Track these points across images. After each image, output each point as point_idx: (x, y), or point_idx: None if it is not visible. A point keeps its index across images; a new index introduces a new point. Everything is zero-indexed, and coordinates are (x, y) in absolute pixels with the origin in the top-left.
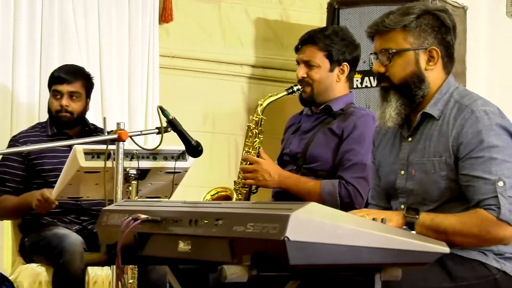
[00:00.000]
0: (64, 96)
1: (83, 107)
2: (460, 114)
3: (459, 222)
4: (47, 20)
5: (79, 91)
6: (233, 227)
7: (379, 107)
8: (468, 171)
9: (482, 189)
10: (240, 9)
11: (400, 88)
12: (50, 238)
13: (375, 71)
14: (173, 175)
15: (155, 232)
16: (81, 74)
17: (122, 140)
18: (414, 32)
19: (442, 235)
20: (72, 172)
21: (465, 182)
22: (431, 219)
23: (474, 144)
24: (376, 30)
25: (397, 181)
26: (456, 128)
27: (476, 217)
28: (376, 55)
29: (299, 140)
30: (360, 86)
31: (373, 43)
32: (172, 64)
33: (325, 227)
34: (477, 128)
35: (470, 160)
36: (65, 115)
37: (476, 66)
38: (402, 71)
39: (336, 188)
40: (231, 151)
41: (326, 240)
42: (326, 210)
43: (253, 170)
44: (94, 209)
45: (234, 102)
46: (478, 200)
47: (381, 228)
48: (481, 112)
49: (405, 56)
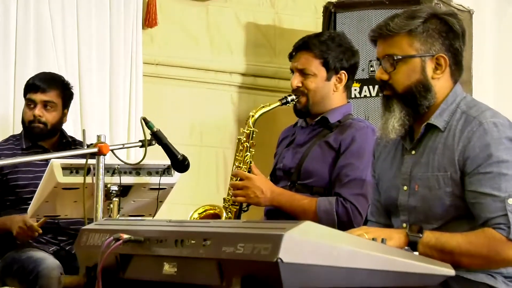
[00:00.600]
0: (37, 106)
1: (58, 118)
2: (467, 126)
3: (466, 241)
4: (22, 24)
5: (53, 100)
6: (222, 247)
7: (381, 117)
8: (476, 188)
9: (490, 206)
10: (230, 13)
11: (404, 97)
12: (25, 261)
13: (378, 78)
14: (158, 191)
15: (138, 253)
16: (57, 83)
17: (102, 154)
18: (420, 38)
19: (448, 255)
20: (48, 188)
21: (472, 199)
22: (436, 238)
23: (482, 158)
24: (380, 34)
25: (399, 197)
26: (463, 141)
27: (484, 236)
28: (379, 61)
29: (293, 154)
30: (358, 95)
31: (376, 48)
32: (157, 72)
33: (321, 248)
34: (485, 141)
35: (478, 176)
36: (37, 126)
37: (482, 74)
38: (407, 79)
39: (333, 205)
40: (220, 165)
41: (322, 262)
42: (322, 229)
43: (244, 186)
44: (73, 228)
45: (223, 113)
46: (487, 218)
47: (381, 249)
48: (490, 124)
49: (411, 63)
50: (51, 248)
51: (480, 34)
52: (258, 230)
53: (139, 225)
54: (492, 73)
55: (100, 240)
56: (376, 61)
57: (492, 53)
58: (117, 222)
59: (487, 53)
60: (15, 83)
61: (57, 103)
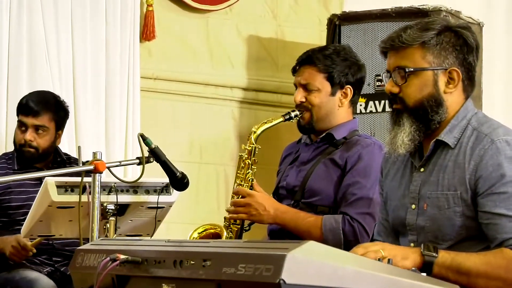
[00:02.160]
0: (28, 130)
1: (50, 142)
2: (479, 144)
3: (484, 262)
4: (14, 38)
5: (46, 125)
6: (223, 268)
7: (389, 131)
8: (490, 208)
9: (506, 227)
10: (230, 25)
11: (415, 112)
12: (18, 282)
13: (388, 91)
14: (156, 210)
15: (136, 275)
16: (50, 106)
17: (99, 172)
18: (434, 50)
19: (464, 276)
20: (43, 207)
21: (486, 220)
22: (452, 258)
23: (495, 178)
24: (392, 45)
25: (407, 216)
26: (474, 160)
27: (502, 257)
28: (390, 73)
29: (297, 172)
30: (364, 111)
31: (386, 60)
32: (155, 86)
33: (325, 268)
34: (498, 160)
35: (492, 196)
36: (28, 150)
37: (492, 88)
38: (419, 93)
39: (340, 224)
40: (220, 183)
41: (326, 283)
42: (326, 249)
43: (246, 204)
44: (68, 249)
45: (224, 128)
46: (503, 239)
47: (386, 270)
48: (502, 143)
49: (423, 76)
50: (45, 269)
51: (490, 48)
52: (260, 250)
53: (137, 245)
54: (502, 88)
55: (96, 261)
56: (386, 74)
57: (502, 67)
58: (113, 242)
59: (497, 67)
60: (7, 98)
61: (49, 127)
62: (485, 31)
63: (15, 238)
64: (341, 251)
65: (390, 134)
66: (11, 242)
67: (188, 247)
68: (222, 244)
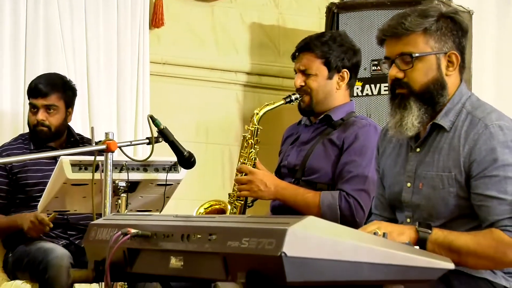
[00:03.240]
0: (40, 110)
1: (61, 120)
2: (473, 128)
3: (474, 242)
4: (31, 26)
5: (55, 104)
6: (227, 242)
7: (391, 115)
8: (482, 191)
9: (497, 209)
10: (235, 14)
11: (421, 95)
12: (35, 253)
13: (392, 76)
14: (165, 187)
15: (146, 248)
16: (58, 86)
17: (111, 151)
18: (435, 36)
19: (455, 254)
20: (58, 184)
21: (478, 201)
22: (444, 236)
23: (488, 162)
24: (394, 32)
25: (403, 194)
26: (469, 144)
27: (492, 238)
28: (390, 60)
29: (297, 152)
30: (360, 94)
31: (384, 47)
32: (163, 71)
33: (324, 242)
34: (491, 145)
35: (484, 179)
36: (42, 129)
37: (481, 73)
38: (424, 77)
39: (337, 200)
40: (225, 162)
41: (325, 256)
42: (325, 224)
43: (248, 181)
44: (82, 223)
45: (229, 111)
46: (493, 220)
47: (382, 243)
48: (495, 128)
49: (427, 60)
50: (61, 242)
51: (480, 35)
52: (263, 225)
53: (147, 220)
54: (491, 73)
55: (108, 235)
56: (385, 60)
57: (491, 53)
58: (125, 217)
59: (486, 53)
60: (25, 82)
61: (59, 106)
62: (475, 18)
63: (33, 214)
64: (339, 225)
65: (393, 117)
66: (30, 217)
67: (195, 222)
68: (227, 219)
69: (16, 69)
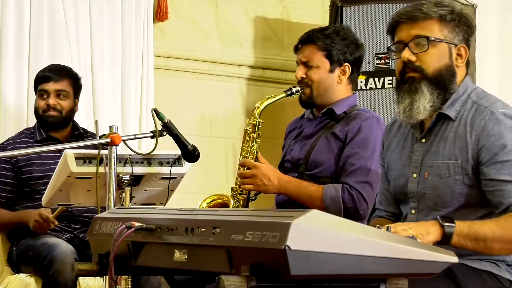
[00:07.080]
0: (51, 95)
1: (71, 106)
2: (479, 115)
3: (498, 227)
4: (35, 18)
5: (66, 89)
6: (231, 235)
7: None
8: (494, 176)
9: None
10: (239, 7)
11: (433, 80)
12: (39, 248)
13: (405, 59)
14: (169, 181)
15: (150, 241)
16: (68, 73)
17: (115, 145)
18: (449, 26)
19: (481, 242)
20: (62, 178)
21: (491, 187)
22: (468, 226)
23: (498, 147)
24: (413, 16)
25: (409, 185)
26: (475, 130)
27: None
28: (403, 44)
29: (301, 146)
30: (364, 88)
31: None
32: (167, 64)
33: (327, 235)
34: (499, 130)
35: (496, 165)
36: (52, 114)
37: (485, 68)
38: (437, 62)
39: (339, 193)
40: (229, 156)
41: (328, 249)
42: (329, 218)
43: (251, 175)
44: (86, 217)
45: (232, 104)
46: (510, 204)
47: (386, 237)
48: (501, 115)
49: (440, 47)
50: (65, 236)
51: (483, 29)
52: (267, 218)
53: (151, 214)
54: (495, 67)
55: (113, 228)
56: (397, 45)
57: (495, 47)
58: (129, 210)
59: (490, 48)
60: (29, 76)
61: (69, 92)
62: (478, 13)
63: (38, 212)
64: (343, 219)
65: (402, 103)
66: (34, 216)
67: (199, 215)
68: (231, 213)
69: (20, 63)
